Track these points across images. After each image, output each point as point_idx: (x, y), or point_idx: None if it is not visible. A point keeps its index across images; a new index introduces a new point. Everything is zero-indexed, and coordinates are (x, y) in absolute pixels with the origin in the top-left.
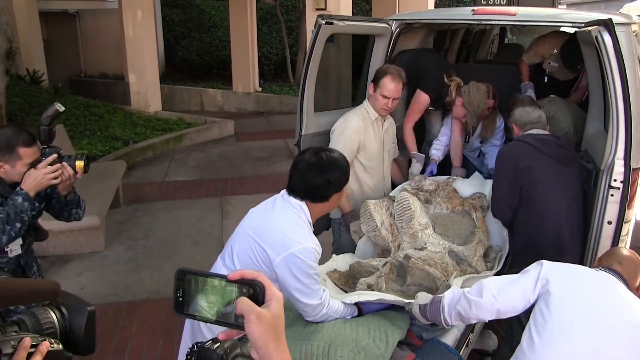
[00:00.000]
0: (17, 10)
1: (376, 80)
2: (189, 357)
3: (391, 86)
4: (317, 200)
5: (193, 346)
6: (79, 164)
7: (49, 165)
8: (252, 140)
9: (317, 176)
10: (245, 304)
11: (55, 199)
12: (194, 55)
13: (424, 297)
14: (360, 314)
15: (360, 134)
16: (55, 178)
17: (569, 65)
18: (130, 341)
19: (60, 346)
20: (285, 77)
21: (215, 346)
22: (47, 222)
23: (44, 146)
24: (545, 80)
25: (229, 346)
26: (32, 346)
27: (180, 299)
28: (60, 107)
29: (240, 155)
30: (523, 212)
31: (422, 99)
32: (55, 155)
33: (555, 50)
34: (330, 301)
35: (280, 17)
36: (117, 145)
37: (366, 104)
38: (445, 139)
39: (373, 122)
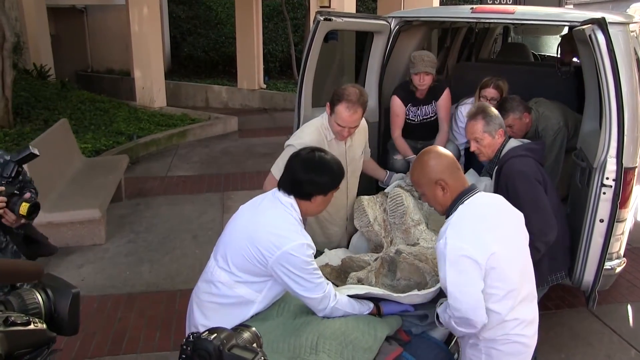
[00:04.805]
0: (26, 5)
1: (332, 104)
2: (184, 346)
3: (345, 116)
4: (301, 197)
5: (189, 336)
6: (24, 207)
7: None
8: (256, 136)
9: (304, 172)
10: None
11: None
12: (200, 52)
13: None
14: (379, 314)
15: None
16: None
17: None
18: (128, 332)
19: (44, 326)
20: (290, 75)
21: (212, 337)
22: (48, 215)
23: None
24: None
25: (225, 337)
26: (17, 324)
27: None
28: (35, 152)
29: (243, 151)
30: None
31: (393, 102)
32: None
33: None
34: (337, 295)
35: (286, 15)
36: (121, 140)
37: (325, 119)
38: (460, 138)
39: (331, 141)
